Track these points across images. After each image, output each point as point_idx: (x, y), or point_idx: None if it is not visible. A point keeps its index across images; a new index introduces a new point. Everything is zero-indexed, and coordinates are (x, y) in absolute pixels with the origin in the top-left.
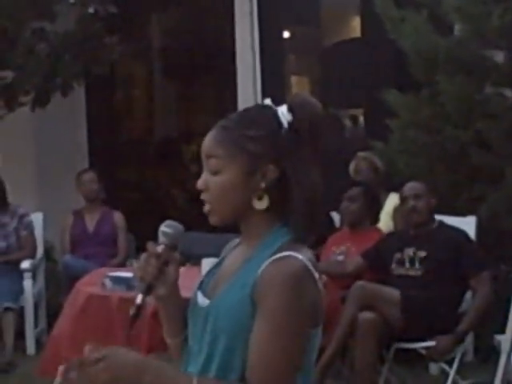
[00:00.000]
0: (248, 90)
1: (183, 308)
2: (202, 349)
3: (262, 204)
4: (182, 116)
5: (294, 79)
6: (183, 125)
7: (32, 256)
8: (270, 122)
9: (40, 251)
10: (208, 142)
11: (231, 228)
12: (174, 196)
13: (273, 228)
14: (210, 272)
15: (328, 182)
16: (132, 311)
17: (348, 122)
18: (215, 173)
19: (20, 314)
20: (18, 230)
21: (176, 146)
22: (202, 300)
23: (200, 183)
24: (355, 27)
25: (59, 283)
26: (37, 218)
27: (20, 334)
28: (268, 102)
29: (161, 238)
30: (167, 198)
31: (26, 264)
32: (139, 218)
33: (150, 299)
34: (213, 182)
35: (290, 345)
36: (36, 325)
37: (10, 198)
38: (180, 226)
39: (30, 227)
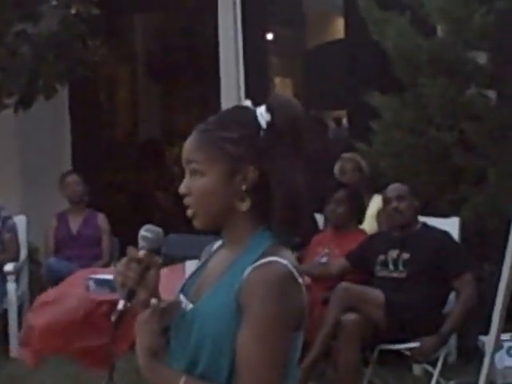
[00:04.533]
0: (231, 92)
1: None
2: (186, 352)
3: (244, 206)
4: (165, 118)
5: (277, 80)
6: (167, 126)
7: (15, 258)
8: (249, 123)
9: (23, 254)
10: (187, 146)
11: (215, 230)
12: (157, 198)
13: (256, 231)
14: (193, 275)
15: (312, 183)
16: (114, 318)
17: (332, 124)
18: (196, 177)
19: (3, 316)
20: (1, 233)
21: (160, 147)
22: (186, 304)
23: (182, 188)
24: (339, 29)
25: (43, 285)
26: (20, 221)
27: (3, 337)
28: (248, 103)
29: (141, 243)
30: (151, 199)
31: (9, 267)
32: (123, 220)
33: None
34: (195, 186)
35: (276, 350)
36: (20, 327)
37: None
38: (160, 230)
39: (13, 230)
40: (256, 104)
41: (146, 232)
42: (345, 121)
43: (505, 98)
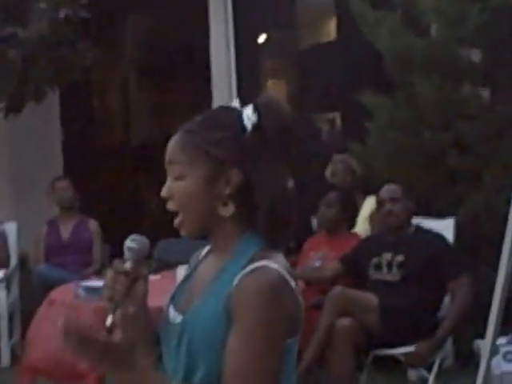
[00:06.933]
0: (223, 95)
1: (153, 324)
2: (179, 366)
3: (227, 211)
4: (157, 121)
5: (270, 83)
6: (158, 131)
7: (4, 266)
8: (234, 125)
9: (14, 261)
10: (171, 147)
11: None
12: (149, 204)
13: (243, 236)
14: (182, 285)
15: (306, 186)
16: (104, 333)
17: (326, 125)
18: (178, 179)
19: None
20: None
21: (151, 153)
22: (175, 316)
23: (164, 191)
24: (331, 29)
25: (34, 293)
26: (11, 228)
27: None
28: (236, 103)
29: (127, 254)
30: (143, 205)
31: None
32: (114, 227)
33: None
34: (176, 189)
35: (267, 358)
36: (10, 336)
37: None
38: (146, 240)
39: (2, 237)
40: (247, 105)
41: (131, 243)
42: (338, 122)
43: (499, 97)
